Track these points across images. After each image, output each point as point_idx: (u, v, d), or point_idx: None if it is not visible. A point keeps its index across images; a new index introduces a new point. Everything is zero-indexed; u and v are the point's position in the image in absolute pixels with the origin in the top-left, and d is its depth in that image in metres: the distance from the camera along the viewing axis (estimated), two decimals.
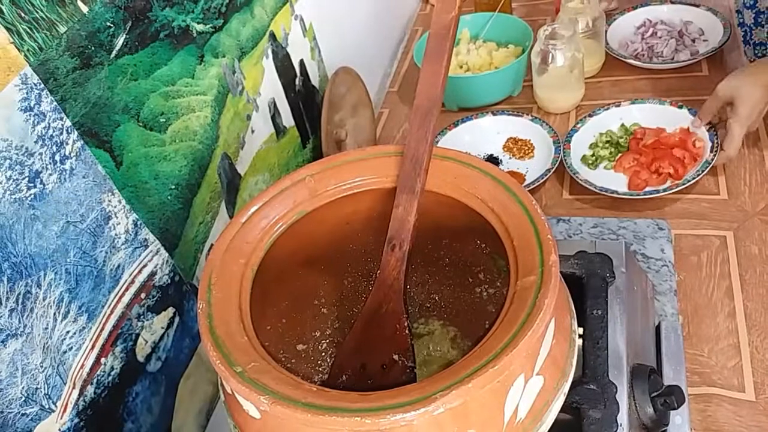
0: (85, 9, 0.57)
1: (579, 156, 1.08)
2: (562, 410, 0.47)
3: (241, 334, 0.47)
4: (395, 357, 0.53)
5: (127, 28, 0.62)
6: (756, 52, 1.15)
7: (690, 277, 0.88)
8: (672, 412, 0.60)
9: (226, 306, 0.49)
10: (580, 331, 0.58)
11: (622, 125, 1.11)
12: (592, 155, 1.08)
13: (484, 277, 0.62)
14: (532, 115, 1.17)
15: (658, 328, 0.71)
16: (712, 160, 0.98)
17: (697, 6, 1.31)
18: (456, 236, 0.62)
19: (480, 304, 0.61)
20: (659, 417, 0.58)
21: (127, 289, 0.63)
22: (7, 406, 0.50)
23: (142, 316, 0.65)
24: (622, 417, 0.54)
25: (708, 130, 1.03)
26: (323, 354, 0.64)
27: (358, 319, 0.57)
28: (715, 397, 0.75)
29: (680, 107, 1.08)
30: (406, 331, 0.54)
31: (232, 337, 0.46)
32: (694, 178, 0.97)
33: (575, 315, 0.52)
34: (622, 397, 0.55)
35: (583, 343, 0.58)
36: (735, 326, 0.81)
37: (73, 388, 0.56)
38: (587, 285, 0.63)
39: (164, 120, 0.68)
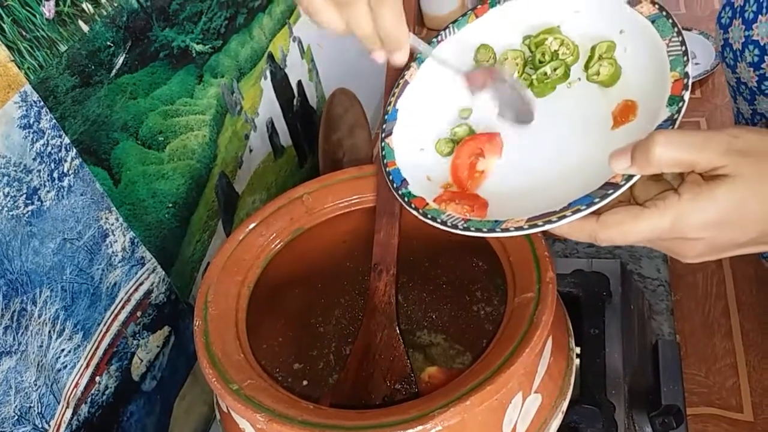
0: (85, 28, 0.57)
1: None
2: (560, 430, 0.46)
3: (238, 351, 0.46)
4: (397, 387, 0.53)
5: (127, 48, 0.63)
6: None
7: (686, 297, 0.88)
8: None
9: (222, 323, 0.48)
10: (578, 350, 0.58)
11: None
12: None
13: (481, 296, 0.62)
14: None
15: (655, 348, 0.71)
16: None
17: (689, 30, 1.33)
18: (453, 254, 0.62)
19: (477, 322, 0.61)
20: None
21: (123, 307, 0.63)
22: None
23: (137, 335, 0.65)
24: None
25: None
26: (319, 374, 0.63)
27: (350, 356, 0.56)
28: (713, 417, 0.75)
29: None
30: (405, 357, 0.54)
31: (228, 354, 0.46)
32: None
33: (572, 333, 0.52)
34: (620, 416, 0.55)
35: (581, 362, 0.58)
36: (732, 346, 0.81)
37: (67, 407, 0.56)
38: (584, 304, 0.63)
39: (163, 138, 0.69)
